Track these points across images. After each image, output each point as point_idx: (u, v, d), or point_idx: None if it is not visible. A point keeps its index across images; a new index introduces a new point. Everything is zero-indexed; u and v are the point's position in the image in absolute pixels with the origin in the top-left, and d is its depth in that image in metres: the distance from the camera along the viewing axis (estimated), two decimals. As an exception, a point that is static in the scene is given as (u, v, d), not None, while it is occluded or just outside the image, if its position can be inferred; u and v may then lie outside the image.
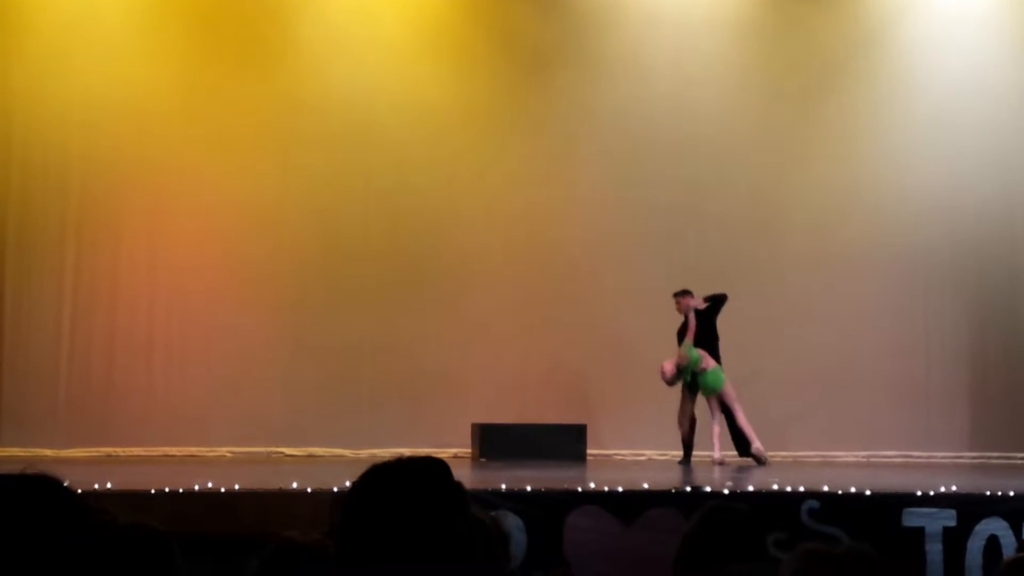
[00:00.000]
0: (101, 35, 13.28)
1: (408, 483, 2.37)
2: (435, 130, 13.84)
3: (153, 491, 7.92)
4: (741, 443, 12.32)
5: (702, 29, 14.25)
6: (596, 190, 14.03)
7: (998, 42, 14.52)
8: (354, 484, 2.39)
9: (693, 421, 12.22)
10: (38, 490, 2.18)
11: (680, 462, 12.26)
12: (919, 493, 8.41)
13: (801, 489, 8.48)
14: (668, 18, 14.21)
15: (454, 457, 12.53)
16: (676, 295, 12.37)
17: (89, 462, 12.00)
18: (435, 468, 2.43)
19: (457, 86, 13.94)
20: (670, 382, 11.98)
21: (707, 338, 12.19)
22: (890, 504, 8.34)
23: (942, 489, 8.52)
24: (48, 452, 12.50)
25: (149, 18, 13.41)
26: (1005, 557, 7.73)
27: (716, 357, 12.11)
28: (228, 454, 12.99)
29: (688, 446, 12.28)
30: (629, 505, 8.19)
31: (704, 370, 11.99)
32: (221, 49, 13.50)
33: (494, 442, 12.70)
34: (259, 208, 13.51)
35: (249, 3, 13.61)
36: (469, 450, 12.99)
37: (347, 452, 13.04)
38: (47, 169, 13.20)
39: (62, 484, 2.21)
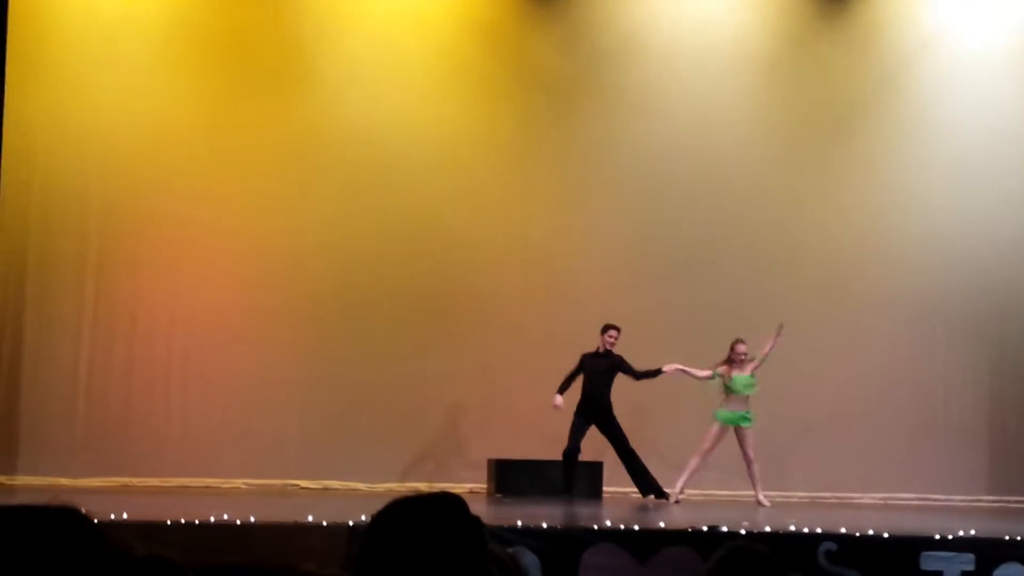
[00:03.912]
0: (123, 65, 13.35)
1: (427, 518, 2.37)
2: (453, 163, 13.87)
3: (169, 522, 7.92)
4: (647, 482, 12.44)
5: (722, 66, 14.27)
6: (614, 225, 14.04)
7: (1020, 81, 14.50)
8: (373, 518, 2.39)
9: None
10: (62, 522, 2.19)
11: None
12: (937, 537, 8.37)
13: (818, 531, 8.45)
14: (688, 55, 14.24)
15: (470, 493, 12.50)
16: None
17: (105, 492, 12.01)
18: (454, 504, 2.43)
19: (476, 120, 13.98)
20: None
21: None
22: (908, 547, 8.30)
23: (960, 533, 8.48)
24: (65, 481, 12.51)
25: (170, 49, 13.49)
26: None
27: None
28: (243, 486, 12.98)
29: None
30: (645, 543, 8.18)
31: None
32: (241, 80, 13.57)
33: (510, 478, 12.67)
34: (278, 240, 13.55)
35: (269, 35, 13.67)
36: (485, 486, 12.96)
37: (362, 486, 13.01)
38: (68, 198, 13.25)
39: (86, 516, 2.22)
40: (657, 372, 12.42)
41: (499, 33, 14.05)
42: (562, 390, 12.42)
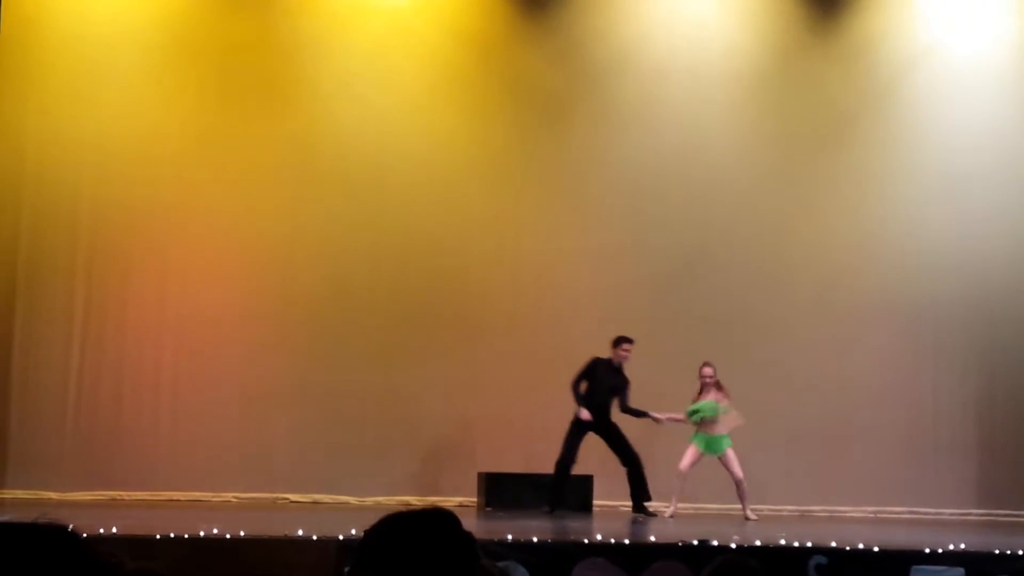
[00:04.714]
0: (116, 72, 13.34)
1: (420, 534, 2.37)
2: (446, 177, 13.88)
3: (159, 536, 7.89)
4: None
5: (714, 81, 14.31)
6: (606, 239, 14.04)
7: (1011, 94, 14.54)
8: (366, 533, 2.39)
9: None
10: (51, 540, 2.18)
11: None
12: (928, 550, 8.37)
13: (809, 544, 8.45)
14: (680, 70, 14.27)
15: (460, 506, 12.49)
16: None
17: (94, 505, 11.98)
18: (446, 519, 2.43)
19: (469, 133, 13.99)
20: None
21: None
22: (898, 561, 8.30)
23: (950, 547, 8.48)
24: (53, 495, 12.48)
25: (162, 61, 13.49)
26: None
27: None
28: (233, 499, 12.95)
29: None
30: (636, 557, 8.17)
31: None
32: (233, 92, 13.57)
33: (500, 492, 12.65)
34: (268, 252, 13.54)
35: (262, 47, 13.67)
36: (475, 499, 12.94)
37: (352, 499, 13.00)
38: (58, 209, 13.22)
39: (76, 534, 2.21)
40: (643, 414, 12.23)
41: (492, 47, 14.07)
42: (581, 400, 12.09)
